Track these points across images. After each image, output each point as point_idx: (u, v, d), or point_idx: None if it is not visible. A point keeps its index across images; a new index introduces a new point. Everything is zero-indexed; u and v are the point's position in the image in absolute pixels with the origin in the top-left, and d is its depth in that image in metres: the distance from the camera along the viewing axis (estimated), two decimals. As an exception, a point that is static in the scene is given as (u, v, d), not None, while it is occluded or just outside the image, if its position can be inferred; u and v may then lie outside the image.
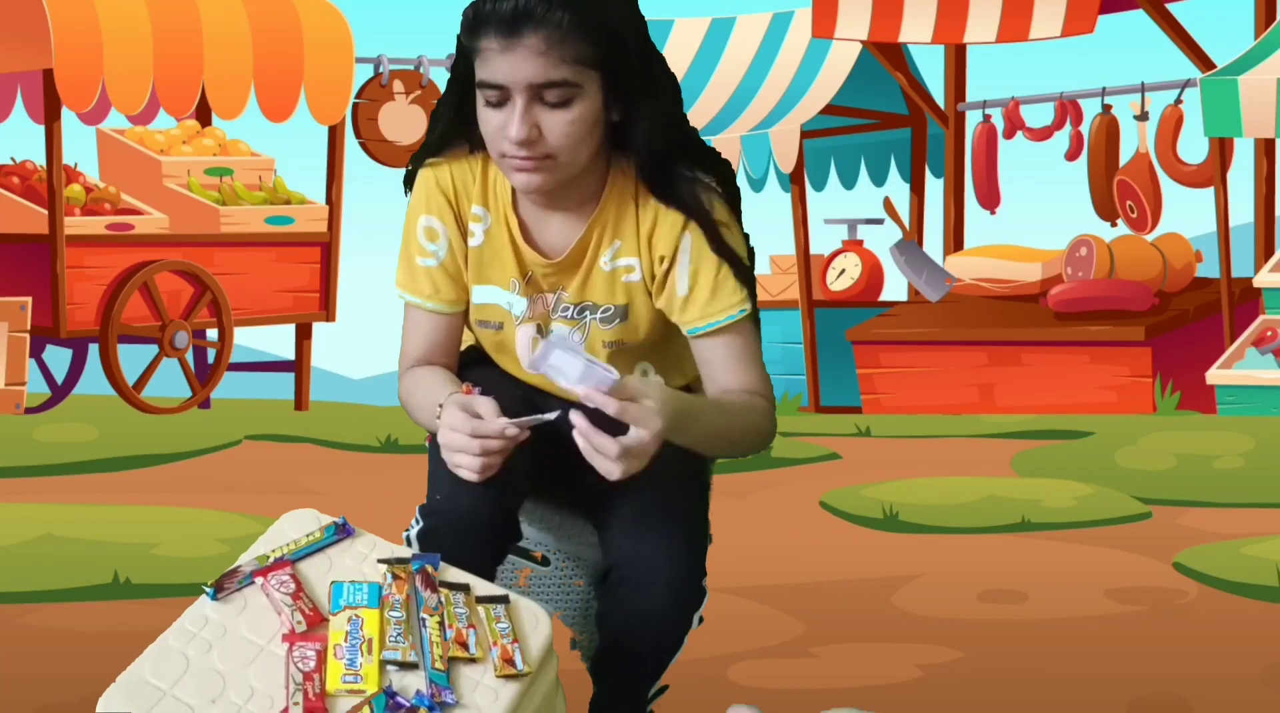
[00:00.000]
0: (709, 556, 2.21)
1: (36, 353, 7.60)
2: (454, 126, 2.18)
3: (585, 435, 1.97)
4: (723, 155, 2.23)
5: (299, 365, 8.17)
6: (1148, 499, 5.31)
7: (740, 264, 2.19)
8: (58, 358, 7.83)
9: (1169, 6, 9.12)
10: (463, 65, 2.12)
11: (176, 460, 6.02)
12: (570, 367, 1.97)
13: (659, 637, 2.14)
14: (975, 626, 3.82)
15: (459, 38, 2.11)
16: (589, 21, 2.02)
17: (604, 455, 1.97)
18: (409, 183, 2.26)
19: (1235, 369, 7.62)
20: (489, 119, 2.07)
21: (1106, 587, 4.16)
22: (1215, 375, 7.66)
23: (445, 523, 2.11)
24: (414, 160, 2.26)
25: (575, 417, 1.97)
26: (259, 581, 1.97)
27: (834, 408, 9.51)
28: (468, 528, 2.10)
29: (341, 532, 2.09)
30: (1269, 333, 7.63)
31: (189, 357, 7.62)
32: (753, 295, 2.23)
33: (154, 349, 7.54)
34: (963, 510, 5.11)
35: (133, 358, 7.45)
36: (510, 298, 2.21)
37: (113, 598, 3.94)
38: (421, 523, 2.15)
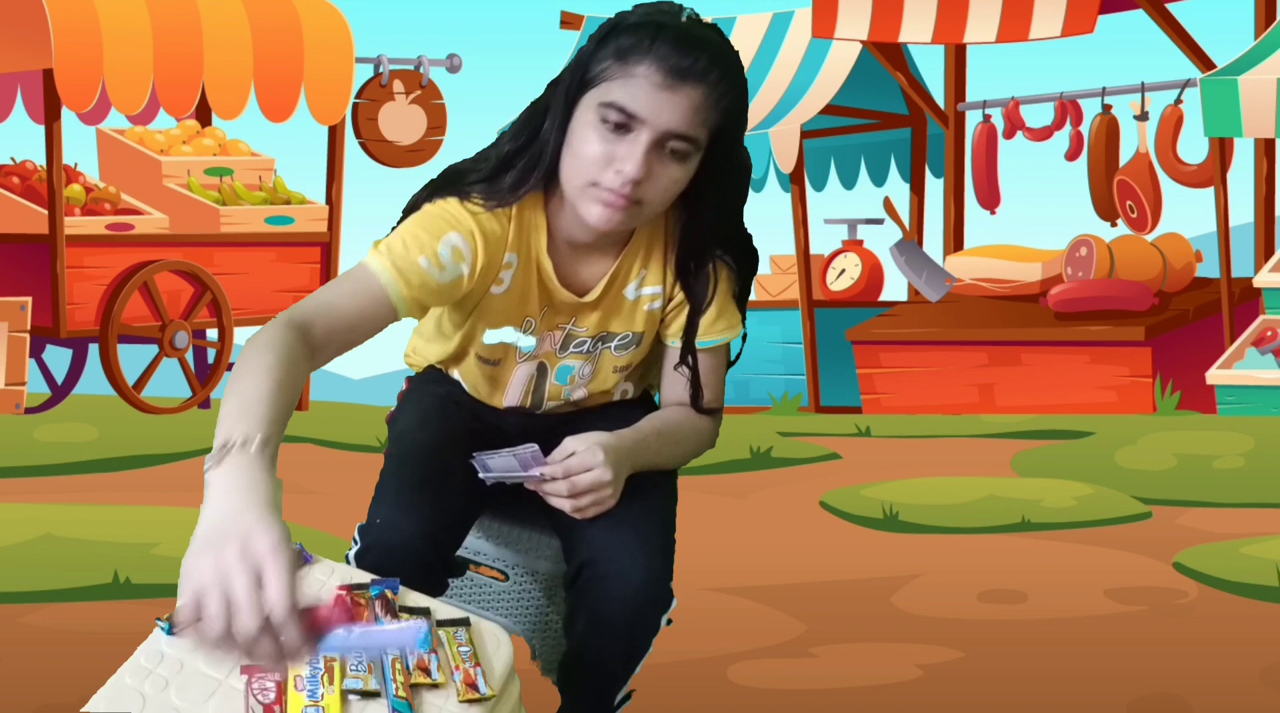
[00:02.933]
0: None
1: (36, 353, 7.60)
2: (555, 163, 2.06)
3: (550, 493, 2.10)
4: (757, 250, 2.27)
5: (299, 365, 8.17)
6: (1148, 499, 5.31)
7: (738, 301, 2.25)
8: (58, 358, 7.83)
9: (1169, 6, 9.12)
10: (579, 80, 2.02)
11: (176, 460, 6.02)
12: (508, 466, 2.08)
13: (630, 636, 2.12)
14: (975, 626, 3.82)
15: (602, 52, 2.01)
16: (733, 99, 2.02)
17: (559, 496, 2.08)
18: (445, 187, 2.10)
19: (1235, 369, 7.62)
20: (593, 142, 1.99)
21: (1106, 587, 4.16)
22: (1215, 375, 7.65)
23: (378, 551, 2.06)
24: (472, 185, 2.09)
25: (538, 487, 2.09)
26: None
27: (834, 408, 9.52)
28: (400, 558, 2.04)
29: (298, 559, 2.06)
30: (1269, 333, 7.63)
31: (189, 357, 7.62)
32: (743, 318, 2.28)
33: (154, 349, 7.54)
34: (963, 510, 5.11)
35: (133, 358, 7.45)
36: (518, 336, 2.18)
37: (113, 598, 3.94)
38: (359, 544, 2.11)
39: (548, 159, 2.05)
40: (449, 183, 2.10)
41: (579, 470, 2.06)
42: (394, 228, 2.10)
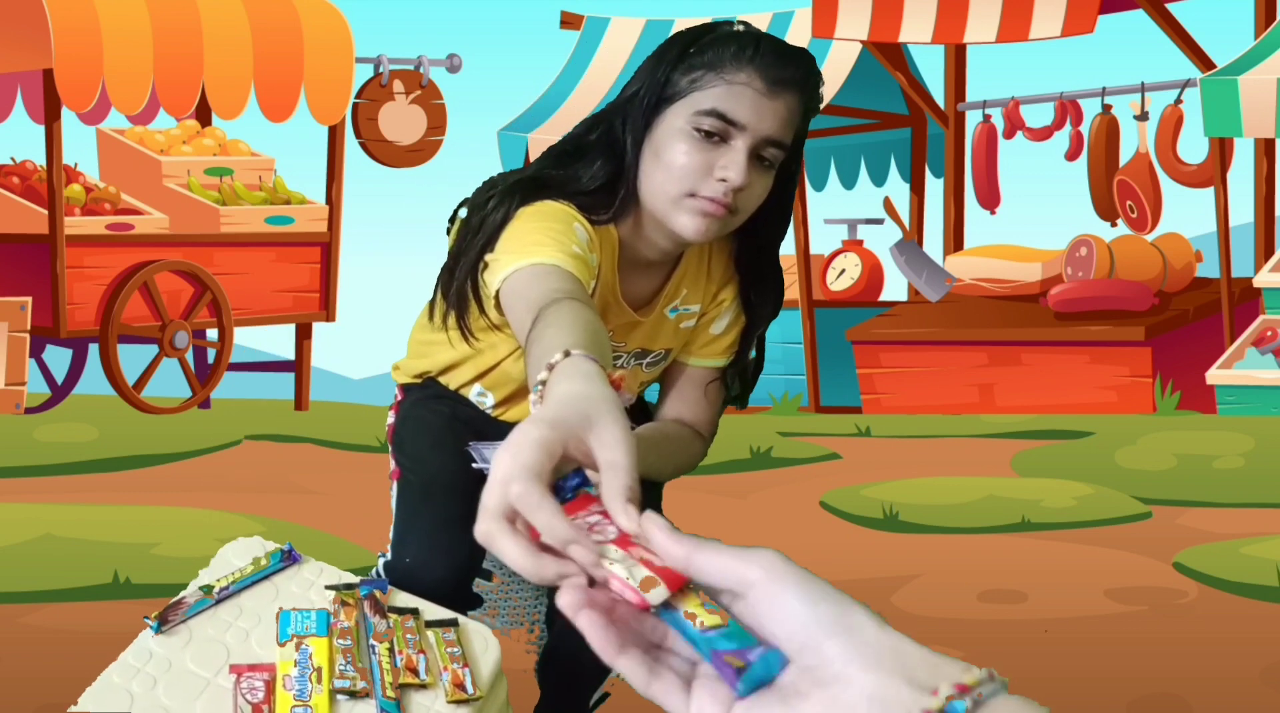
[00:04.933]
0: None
1: (36, 353, 7.60)
2: (616, 177, 2.01)
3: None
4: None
5: (299, 365, 8.17)
6: (1148, 499, 5.31)
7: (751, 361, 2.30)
8: (58, 358, 7.83)
9: (1169, 6, 9.12)
10: (663, 90, 1.99)
11: (176, 460, 6.02)
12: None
13: None
14: (975, 626, 3.82)
15: (682, 58, 1.99)
16: (814, 110, 2.05)
17: None
18: (526, 191, 2.00)
19: (1235, 369, 7.62)
20: (692, 154, 1.96)
21: (1106, 587, 4.16)
22: (1215, 375, 7.65)
23: (409, 589, 2.09)
24: (572, 194, 2.03)
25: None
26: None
27: (834, 408, 9.51)
28: (432, 598, 2.08)
29: (287, 559, 2.07)
30: (1269, 333, 7.63)
31: (189, 357, 7.62)
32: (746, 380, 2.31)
33: (154, 349, 7.54)
34: (963, 510, 5.11)
35: (133, 358, 7.45)
36: None
37: (113, 598, 3.94)
38: (384, 579, 2.15)
39: (629, 181, 2.02)
40: (543, 186, 2.02)
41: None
42: (498, 241, 1.92)
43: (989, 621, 3.88)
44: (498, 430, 2.27)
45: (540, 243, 1.81)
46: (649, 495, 2.27)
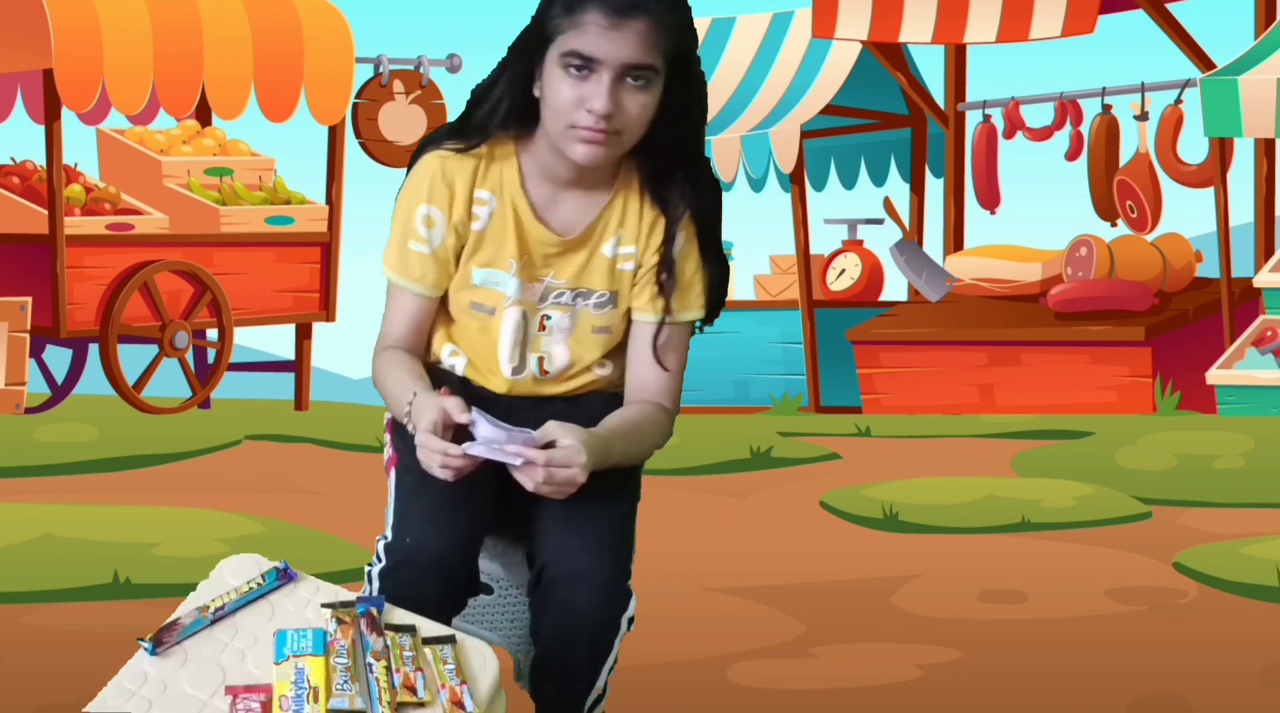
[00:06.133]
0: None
1: (36, 353, 7.59)
2: (513, 110, 2.28)
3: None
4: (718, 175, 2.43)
5: (299, 365, 8.17)
6: (1148, 499, 5.31)
7: (714, 279, 2.36)
8: (58, 358, 7.83)
9: (1169, 6, 9.12)
10: (537, 38, 2.24)
11: (176, 460, 6.03)
12: (496, 436, 2.13)
13: (591, 635, 2.17)
14: (975, 626, 3.82)
15: (550, 10, 2.23)
16: (680, 21, 2.24)
17: (529, 476, 2.14)
18: (425, 144, 2.34)
19: (1235, 369, 7.62)
20: (564, 90, 2.20)
21: (1106, 587, 4.16)
22: (1215, 375, 7.66)
23: (411, 565, 2.14)
24: (443, 137, 2.33)
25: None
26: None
27: (834, 408, 9.51)
28: (435, 574, 2.14)
29: (283, 577, 2.06)
30: (1269, 333, 7.63)
31: (189, 357, 7.62)
32: (712, 309, 2.37)
33: (154, 349, 7.53)
34: (963, 510, 5.11)
35: (133, 358, 7.44)
36: (505, 278, 2.30)
37: (113, 598, 3.94)
38: (385, 560, 2.17)
39: (505, 106, 2.27)
40: (427, 142, 2.35)
41: (560, 464, 2.14)
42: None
43: (989, 621, 3.88)
44: (490, 409, 2.31)
45: (400, 248, 2.30)
46: (632, 482, 2.33)
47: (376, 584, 2.15)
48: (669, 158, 2.30)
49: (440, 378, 2.32)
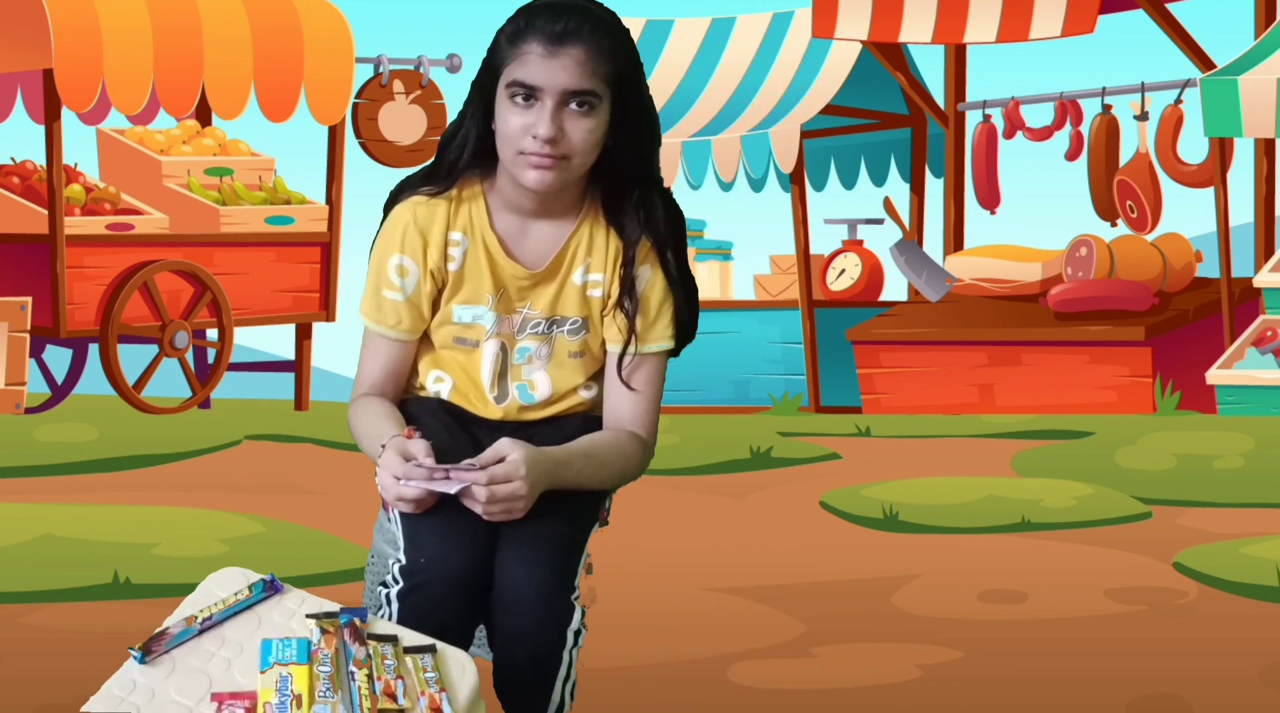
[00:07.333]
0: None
1: (36, 353, 7.60)
2: (479, 147, 2.35)
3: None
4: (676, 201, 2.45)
5: (299, 365, 8.17)
6: (1148, 499, 5.31)
7: (681, 303, 2.40)
8: (58, 358, 7.83)
9: (1169, 6, 9.12)
10: (489, 74, 2.32)
11: (176, 460, 6.03)
12: (423, 477, 2.18)
13: (533, 650, 2.19)
14: (975, 626, 3.83)
15: (497, 45, 2.32)
16: (617, 47, 2.31)
17: (474, 500, 2.19)
18: (397, 193, 2.41)
19: (1235, 369, 7.62)
20: (512, 119, 2.28)
21: (1106, 587, 4.16)
22: (1215, 375, 7.66)
23: (433, 584, 2.18)
24: (416, 183, 2.40)
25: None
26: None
27: (834, 408, 9.51)
28: (456, 590, 2.18)
29: (270, 589, 2.10)
30: (1269, 333, 7.64)
31: (189, 357, 7.62)
32: (682, 335, 2.41)
33: (154, 349, 7.53)
34: (963, 510, 5.11)
35: (133, 358, 7.44)
36: (485, 312, 2.37)
37: (113, 598, 3.95)
38: (402, 583, 2.20)
39: (471, 144, 2.36)
40: (400, 188, 2.43)
41: (501, 480, 2.18)
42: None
43: (989, 621, 3.88)
44: (475, 430, 2.38)
45: (375, 296, 2.38)
46: (588, 504, 2.35)
47: (396, 607, 2.17)
48: (623, 182, 2.37)
49: (415, 413, 2.37)
